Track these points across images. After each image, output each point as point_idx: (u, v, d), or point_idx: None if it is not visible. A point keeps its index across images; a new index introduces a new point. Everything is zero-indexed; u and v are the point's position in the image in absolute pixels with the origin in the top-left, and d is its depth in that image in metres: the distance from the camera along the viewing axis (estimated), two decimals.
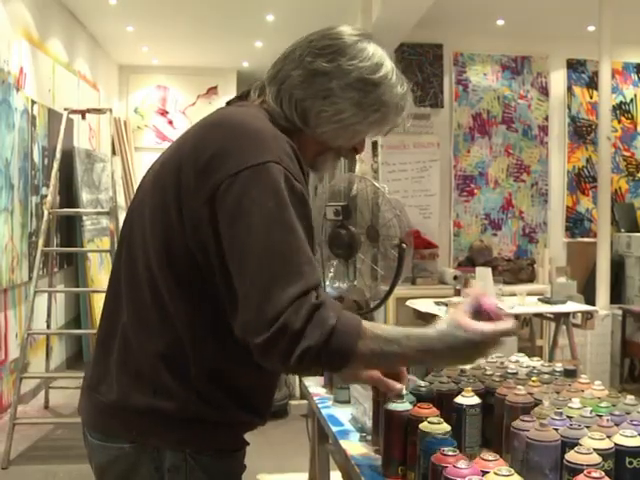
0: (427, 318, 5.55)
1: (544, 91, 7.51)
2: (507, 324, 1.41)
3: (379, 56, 1.51)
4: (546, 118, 7.52)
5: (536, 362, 2.32)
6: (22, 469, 4.19)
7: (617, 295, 6.67)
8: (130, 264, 1.50)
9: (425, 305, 5.43)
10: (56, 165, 5.11)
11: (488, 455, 1.40)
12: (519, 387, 1.75)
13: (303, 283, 1.28)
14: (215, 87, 9.79)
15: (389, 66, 1.52)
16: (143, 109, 9.70)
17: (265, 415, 1.57)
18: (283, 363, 1.29)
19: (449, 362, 1.48)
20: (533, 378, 1.90)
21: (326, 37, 1.50)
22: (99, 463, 1.51)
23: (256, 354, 1.30)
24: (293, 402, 4.88)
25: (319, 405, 2.29)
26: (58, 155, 5.14)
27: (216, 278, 1.38)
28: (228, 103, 1.66)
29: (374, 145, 6.41)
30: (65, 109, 5.42)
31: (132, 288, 1.49)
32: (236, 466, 1.56)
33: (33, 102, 5.68)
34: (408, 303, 5.65)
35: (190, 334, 1.42)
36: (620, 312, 6.05)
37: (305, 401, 3.48)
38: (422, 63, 7.16)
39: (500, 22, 6.99)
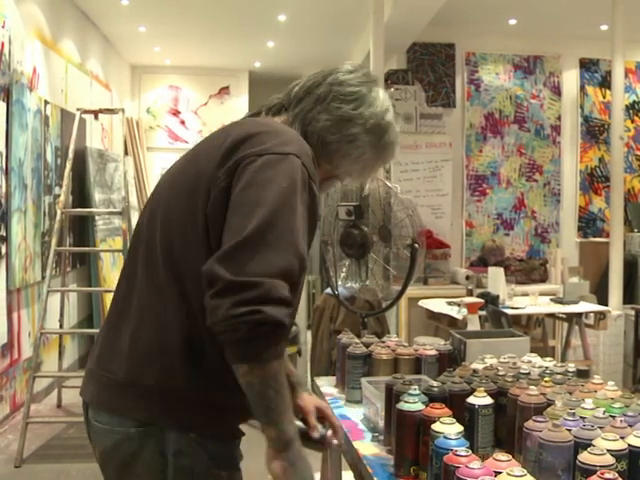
0: (439, 318, 5.56)
1: (556, 91, 7.49)
2: None
3: (386, 100, 1.68)
4: (558, 118, 7.50)
5: (549, 362, 2.32)
6: (35, 468, 4.20)
7: (630, 295, 6.63)
8: (148, 248, 1.55)
9: (437, 305, 5.42)
10: (69, 165, 5.13)
11: (501, 455, 1.39)
12: (532, 387, 1.75)
13: (290, 260, 1.35)
14: (227, 87, 9.80)
15: (391, 108, 1.69)
16: (155, 109, 9.72)
17: None
18: (232, 306, 1.28)
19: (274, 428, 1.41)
20: (546, 378, 1.89)
21: (346, 83, 1.63)
22: (104, 448, 1.52)
23: (218, 288, 1.31)
24: None
25: (331, 405, 2.29)
26: (71, 155, 5.16)
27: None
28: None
29: None
30: (78, 109, 5.43)
31: (149, 270, 1.53)
32: (237, 454, 1.58)
33: (46, 102, 5.70)
34: (420, 303, 5.65)
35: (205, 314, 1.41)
36: (633, 312, 6.02)
37: None
38: (434, 63, 7.16)
39: (512, 21, 6.97)
